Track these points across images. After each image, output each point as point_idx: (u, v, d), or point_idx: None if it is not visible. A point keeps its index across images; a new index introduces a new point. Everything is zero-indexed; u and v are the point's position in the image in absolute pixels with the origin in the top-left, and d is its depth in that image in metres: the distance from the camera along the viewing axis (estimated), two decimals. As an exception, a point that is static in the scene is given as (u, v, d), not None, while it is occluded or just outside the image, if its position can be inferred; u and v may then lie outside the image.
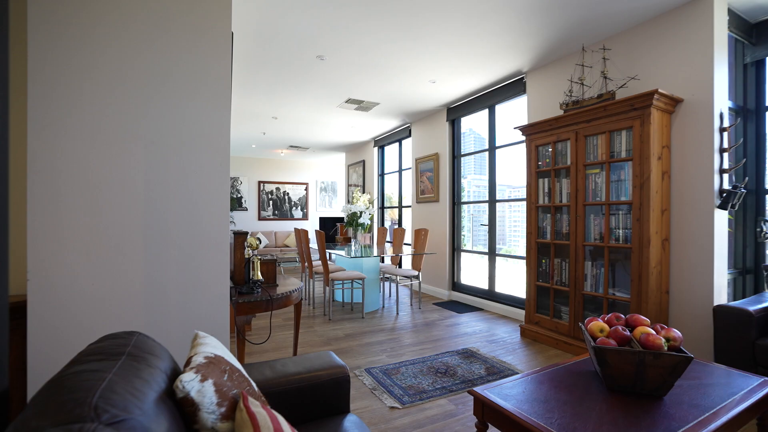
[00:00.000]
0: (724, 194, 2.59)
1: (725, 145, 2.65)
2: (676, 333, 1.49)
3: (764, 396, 1.48)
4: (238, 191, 9.30)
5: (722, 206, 2.59)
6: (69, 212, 1.52)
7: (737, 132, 2.88)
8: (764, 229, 2.82)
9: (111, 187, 1.60)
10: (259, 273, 2.30)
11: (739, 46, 2.90)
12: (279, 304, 2.23)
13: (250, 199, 9.43)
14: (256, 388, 1.06)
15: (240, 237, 2.28)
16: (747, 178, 2.79)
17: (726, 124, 2.65)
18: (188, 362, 0.91)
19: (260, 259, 2.35)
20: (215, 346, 1.06)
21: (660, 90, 2.57)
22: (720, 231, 2.62)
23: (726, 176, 2.66)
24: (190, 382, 0.79)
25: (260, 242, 2.32)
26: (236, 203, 9.17)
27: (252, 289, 2.21)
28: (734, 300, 2.78)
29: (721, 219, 2.64)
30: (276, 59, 3.69)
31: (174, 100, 1.73)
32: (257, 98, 4.90)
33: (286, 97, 4.84)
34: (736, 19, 2.75)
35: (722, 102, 2.63)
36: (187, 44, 1.75)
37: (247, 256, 2.32)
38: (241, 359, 2.19)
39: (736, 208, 2.68)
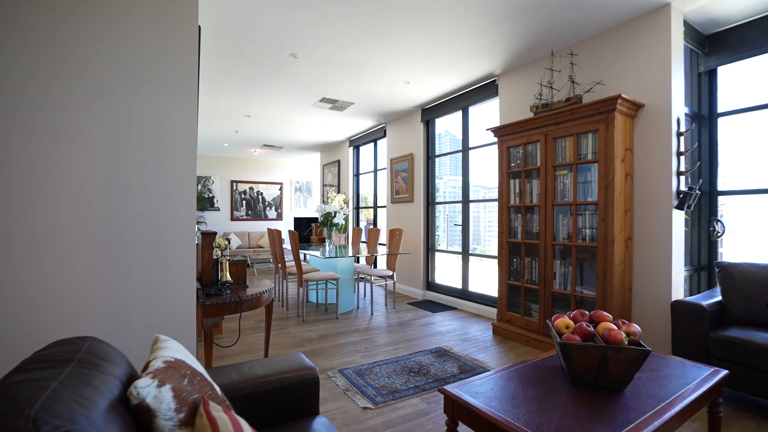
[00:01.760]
0: (681, 195, 2.73)
1: (682, 148, 2.79)
2: (636, 328, 1.56)
3: (714, 385, 1.56)
4: (209, 191, 9.05)
5: (679, 207, 2.73)
6: (19, 212, 1.43)
7: (692, 137, 3.04)
8: (717, 228, 2.99)
9: (67, 185, 1.52)
10: (228, 274, 2.24)
11: (694, 56, 3.06)
12: (249, 306, 2.17)
13: (223, 199, 9.20)
14: (219, 393, 1.03)
15: (208, 237, 2.21)
16: (701, 180, 2.95)
17: (683, 128, 2.79)
18: (146, 367, 0.87)
19: (229, 260, 2.29)
20: (176, 350, 1.02)
21: (623, 95, 2.68)
22: (677, 230, 2.76)
23: (683, 178, 2.81)
24: (145, 388, 0.75)
25: (229, 243, 2.26)
26: (208, 203, 8.92)
27: (220, 290, 2.15)
28: (690, 295, 2.94)
29: (679, 219, 2.78)
30: (248, 56, 3.60)
31: (136, 95, 1.66)
32: (229, 95, 4.77)
33: (259, 94, 4.74)
34: (691, 31, 2.90)
35: (679, 108, 2.78)
36: (151, 38, 1.69)
37: (215, 257, 2.26)
38: (208, 363, 2.13)
39: (692, 208, 2.83)
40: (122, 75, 1.62)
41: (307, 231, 7.39)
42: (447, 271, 5.33)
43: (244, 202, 9.42)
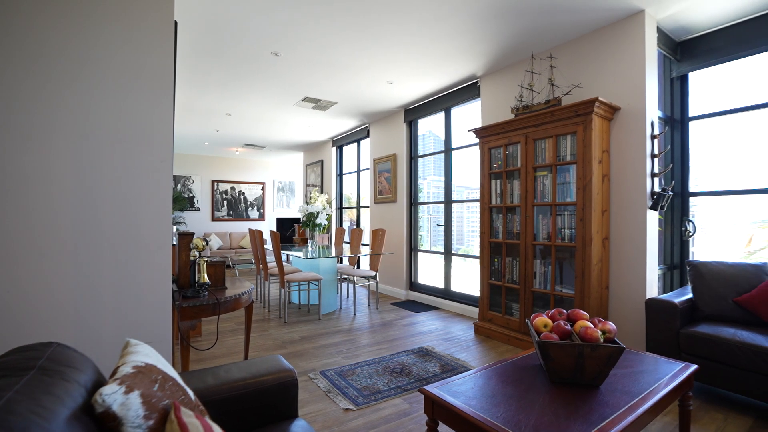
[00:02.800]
0: (655, 196, 2.81)
1: (656, 151, 2.88)
2: (611, 326, 1.59)
3: (684, 379, 1.61)
4: (189, 190, 8.85)
5: (653, 207, 2.81)
6: (-20, 211, 1.36)
7: (665, 139, 3.14)
8: (688, 228, 3.09)
9: (34, 185, 1.45)
10: (206, 275, 2.18)
11: (667, 62, 3.16)
12: (227, 308, 2.13)
13: (203, 199, 9.01)
14: (192, 397, 1.00)
15: (185, 238, 2.16)
16: (674, 182, 3.05)
17: (656, 131, 2.88)
18: (114, 373, 0.84)
19: (207, 261, 2.23)
20: (147, 354, 0.98)
21: (600, 98, 2.75)
22: (652, 230, 2.84)
23: (656, 180, 2.89)
24: (111, 395, 0.72)
25: (207, 243, 2.21)
26: (188, 203, 8.71)
27: (198, 292, 2.10)
28: (664, 293, 3.03)
29: (653, 219, 2.86)
30: (228, 53, 3.54)
31: (108, 90, 1.60)
32: (209, 93, 4.68)
33: (240, 93, 4.66)
34: (664, 37, 3.00)
35: (653, 111, 2.86)
36: (124, 31, 1.63)
37: (193, 258, 2.20)
38: (185, 366, 2.08)
39: (665, 209, 2.92)
40: (93, 69, 1.57)
41: (289, 231, 7.31)
42: (430, 272, 5.35)
43: (225, 202, 9.26)
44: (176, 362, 2.36)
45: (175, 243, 2.45)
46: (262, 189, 9.72)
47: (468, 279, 4.74)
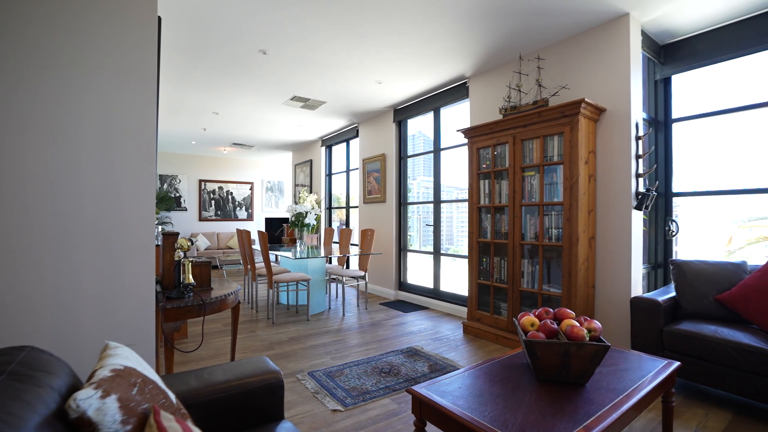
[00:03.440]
0: (640, 196, 2.86)
1: (640, 152, 2.93)
2: (597, 324, 1.61)
3: (667, 376, 1.64)
4: (176, 190, 8.71)
5: (638, 207, 2.86)
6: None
7: (650, 141, 3.19)
8: (672, 227, 3.15)
9: (7, 184, 1.40)
10: (191, 276, 2.15)
11: (651, 65, 3.22)
12: (213, 309, 2.10)
13: (190, 199, 8.88)
14: (174, 401, 0.98)
15: (169, 238, 2.11)
16: (657, 182, 3.10)
17: (641, 133, 2.93)
18: (90, 377, 0.81)
19: (192, 262, 2.20)
20: (127, 357, 0.96)
21: (586, 99, 2.78)
22: (636, 230, 2.89)
23: (641, 180, 2.94)
24: (86, 400, 0.70)
25: (192, 244, 2.17)
26: (174, 203, 8.57)
27: (182, 293, 2.06)
28: (648, 292, 3.08)
29: (638, 219, 2.91)
30: (215, 51, 3.49)
31: (87, 86, 1.56)
32: (195, 91, 4.61)
33: (228, 91, 4.60)
34: (648, 40, 3.05)
35: (638, 113, 2.91)
36: (104, 24, 1.59)
37: (177, 259, 2.16)
38: (169, 369, 2.04)
39: (649, 209, 2.97)
40: (71, 64, 1.52)
41: (278, 231, 7.25)
42: (419, 272, 5.36)
43: (213, 202, 9.14)
44: (160, 365, 2.32)
45: (159, 243, 2.41)
46: (251, 189, 9.62)
47: (457, 279, 4.76)
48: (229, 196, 9.36)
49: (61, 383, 0.78)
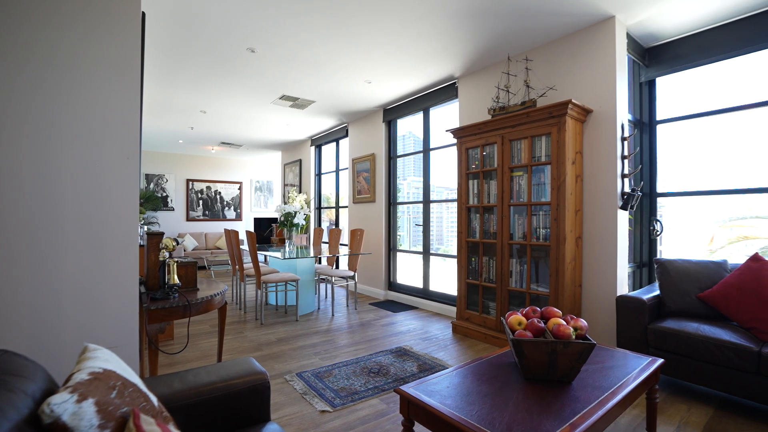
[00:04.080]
0: (625, 196, 2.90)
1: (626, 152, 2.97)
2: (583, 322, 1.62)
3: (651, 373, 1.67)
4: (163, 190, 8.57)
5: (624, 207, 2.90)
6: None
7: (635, 142, 3.24)
8: (656, 227, 3.21)
9: (-18, 179, 1.36)
10: (176, 277, 2.11)
11: (636, 67, 3.27)
12: (199, 310, 2.06)
13: (178, 199, 8.74)
14: (156, 404, 0.95)
15: (154, 238, 2.07)
16: (642, 183, 3.15)
17: (626, 134, 2.97)
18: (67, 380, 0.79)
19: (177, 262, 2.16)
20: (106, 360, 0.93)
21: (573, 100, 2.81)
22: (622, 229, 2.93)
23: (626, 180, 2.99)
24: (61, 405, 0.68)
25: (178, 244, 2.13)
26: (161, 203, 8.43)
27: (167, 294, 2.02)
28: (634, 290, 3.13)
29: (623, 219, 2.95)
30: (202, 48, 3.44)
31: (68, 82, 1.52)
32: (182, 89, 4.54)
33: (216, 89, 4.55)
34: (633, 43, 3.10)
35: (623, 114, 2.95)
36: (85, 18, 1.55)
37: (162, 259, 2.12)
38: (153, 371, 2.00)
39: (635, 209, 3.02)
40: (49, 57, 1.48)
41: (267, 231, 7.19)
42: (409, 271, 5.36)
43: (200, 201, 9.02)
44: (144, 367, 2.27)
45: (143, 243, 2.36)
46: (239, 188, 9.52)
47: (446, 278, 4.77)
48: (218, 196, 9.25)
49: (36, 388, 0.76)
